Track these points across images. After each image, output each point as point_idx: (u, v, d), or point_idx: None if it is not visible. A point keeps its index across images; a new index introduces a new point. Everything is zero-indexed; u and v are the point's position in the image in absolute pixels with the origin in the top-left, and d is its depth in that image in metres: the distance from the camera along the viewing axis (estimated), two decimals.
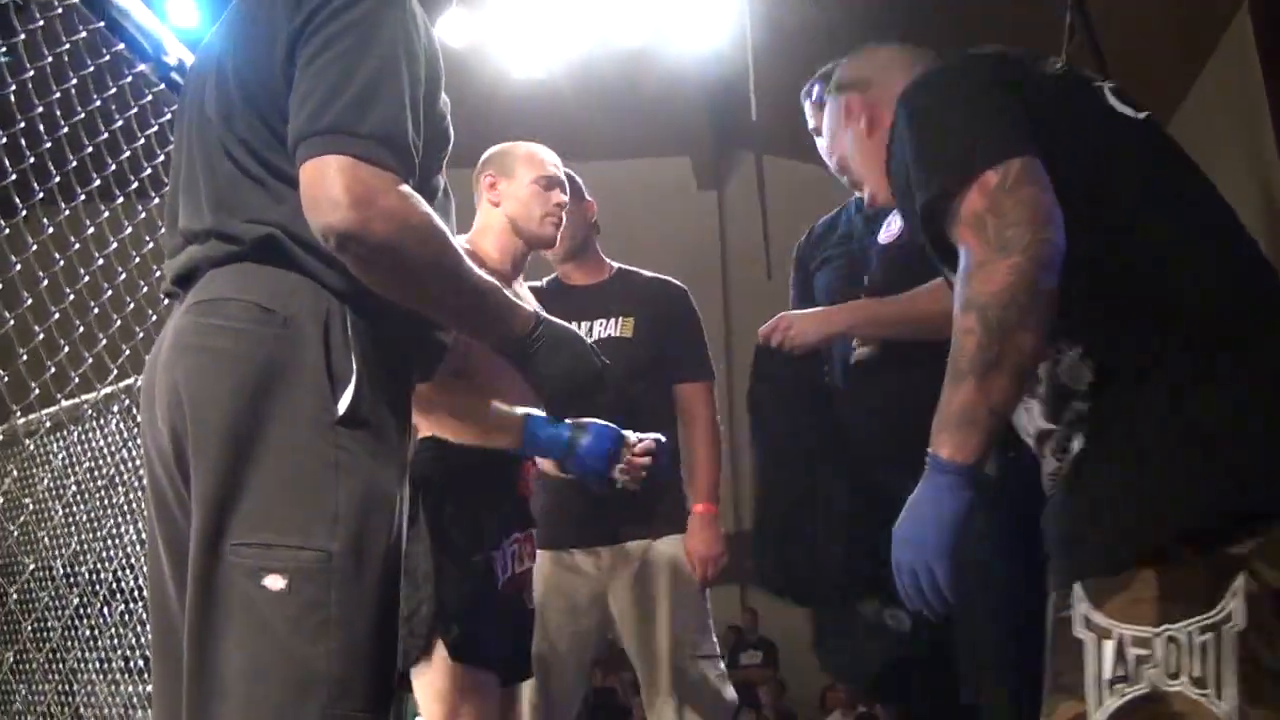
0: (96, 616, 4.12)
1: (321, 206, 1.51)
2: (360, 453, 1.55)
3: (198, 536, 1.51)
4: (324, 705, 1.44)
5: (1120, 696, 1.37)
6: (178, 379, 1.58)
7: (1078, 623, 1.42)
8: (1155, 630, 1.35)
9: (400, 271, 1.58)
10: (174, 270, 1.72)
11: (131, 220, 3.12)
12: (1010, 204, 1.45)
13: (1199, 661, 1.33)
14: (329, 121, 1.53)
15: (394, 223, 1.51)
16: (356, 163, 1.51)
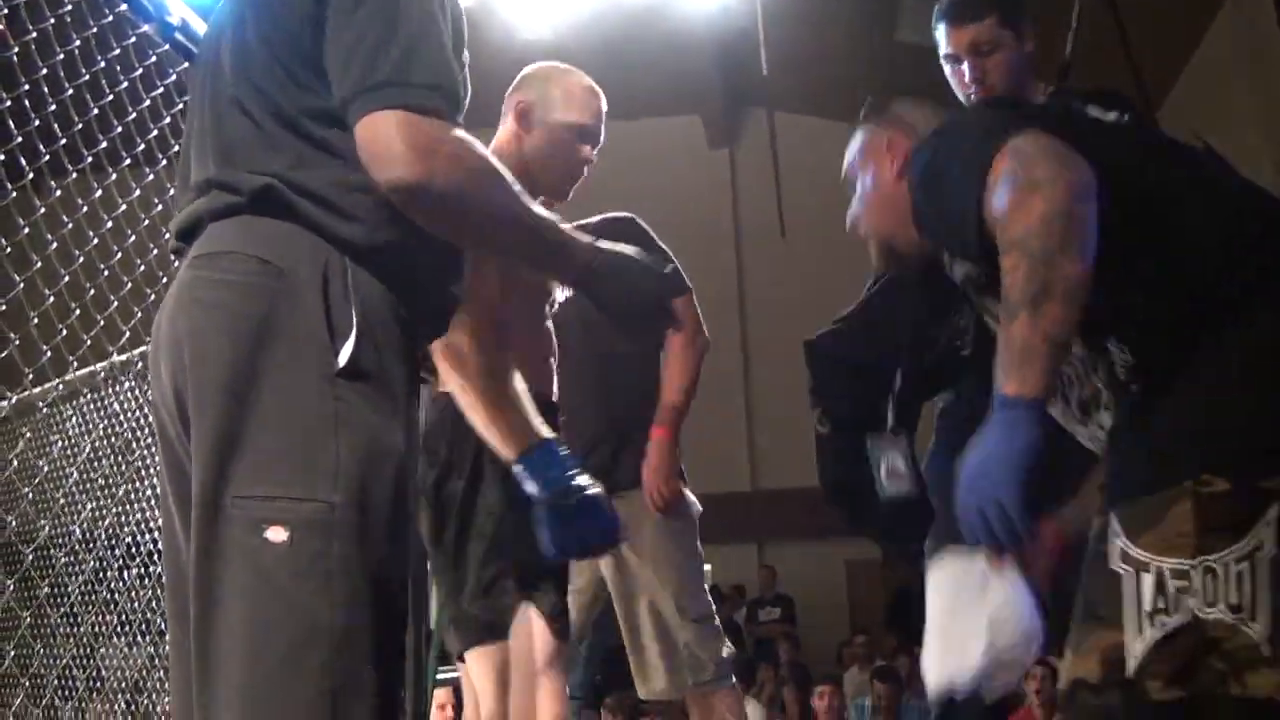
0: (114, 578, 4.14)
1: (383, 162, 1.53)
2: (361, 406, 1.54)
3: (198, 490, 1.50)
4: (329, 657, 1.44)
5: (1161, 627, 1.41)
6: (179, 334, 1.58)
7: (1114, 556, 1.47)
8: (1193, 562, 1.41)
9: (465, 217, 1.61)
10: (177, 225, 1.71)
11: (139, 183, 3.11)
12: (1034, 150, 1.51)
13: (1235, 589, 1.39)
14: (381, 76, 1.54)
15: (457, 170, 1.54)
16: (413, 115, 1.52)
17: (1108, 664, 1.47)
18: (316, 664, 1.43)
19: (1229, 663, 1.40)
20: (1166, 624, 1.42)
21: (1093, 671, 1.49)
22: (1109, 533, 1.49)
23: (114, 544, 4.08)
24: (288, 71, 1.63)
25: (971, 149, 1.60)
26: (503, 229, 1.66)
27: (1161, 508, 1.45)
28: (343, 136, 1.60)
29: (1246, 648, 1.40)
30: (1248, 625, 1.39)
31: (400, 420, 1.61)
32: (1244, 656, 1.40)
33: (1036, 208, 1.48)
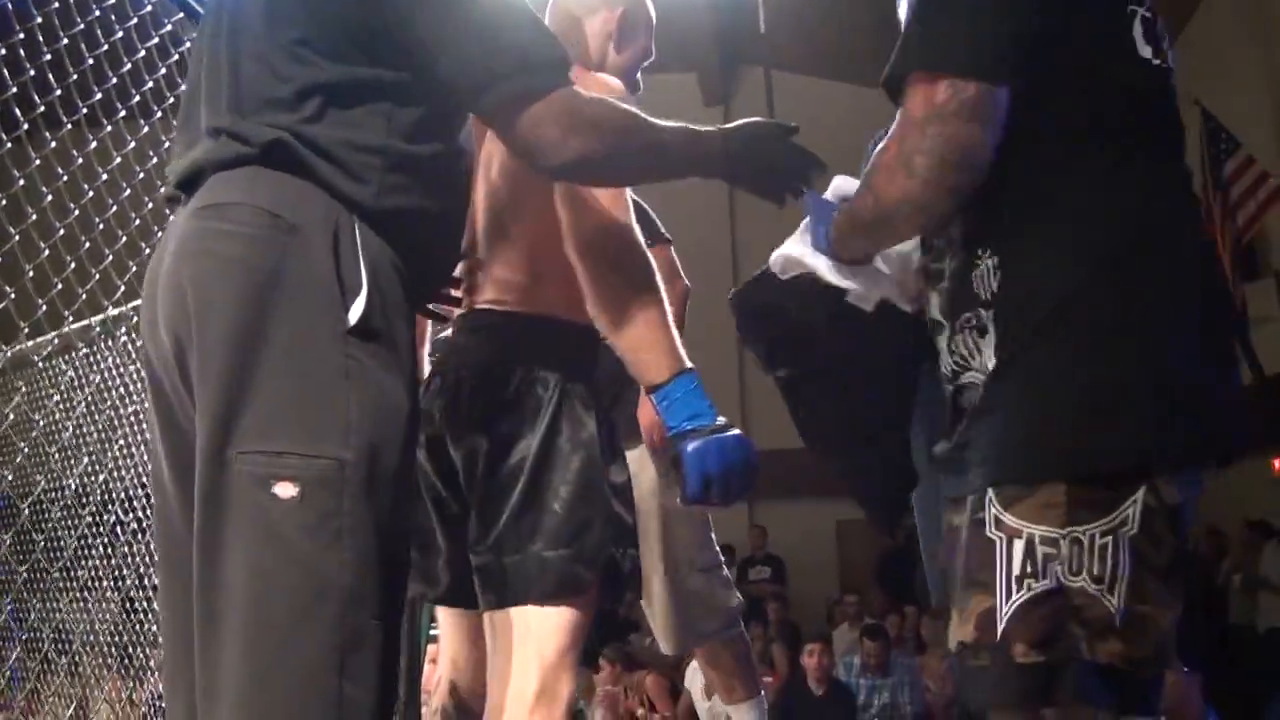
0: (108, 532, 4.14)
1: (540, 153, 1.64)
2: (371, 363, 1.53)
3: (204, 445, 1.48)
4: (337, 614, 1.43)
5: (1028, 590, 1.49)
6: (183, 285, 1.54)
7: (990, 524, 1.54)
8: (1062, 531, 1.49)
9: (622, 172, 1.79)
10: (178, 173, 1.68)
11: (134, 135, 3.08)
12: (936, 131, 1.52)
13: (1098, 561, 1.48)
14: (505, 65, 1.61)
15: (603, 138, 1.65)
16: (550, 98, 1.62)
17: (982, 627, 1.53)
18: (326, 620, 1.43)
19: (1086, 630, 1.48)
20: (1034, 588, 1.49)
21: (970, 634, 1.56)
22: (986, 502, 1.55)
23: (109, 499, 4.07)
24: (327, 36, 1.60)
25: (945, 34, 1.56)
26: (651, 164, 1.79)
27: (1035, 483, 1.53)
28: (362, 100, 1.59)
29: (1102, 618, 1.48)
30: (1105, 597, 1.48)
31: (405, 378, 1.61)
32: (1099, 625, 1.48)
33: (899, 187, 1.60)
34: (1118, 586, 1.49)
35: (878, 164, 1.63)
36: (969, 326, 1.63)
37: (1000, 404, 1.58)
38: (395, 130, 1.60)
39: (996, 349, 1.59)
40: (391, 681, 1.52)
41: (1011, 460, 1.55)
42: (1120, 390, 1.53)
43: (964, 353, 1.65)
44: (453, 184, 1.73)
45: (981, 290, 1.62)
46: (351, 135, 1.58)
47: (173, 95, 3.08)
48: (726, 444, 1.81)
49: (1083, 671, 1.50)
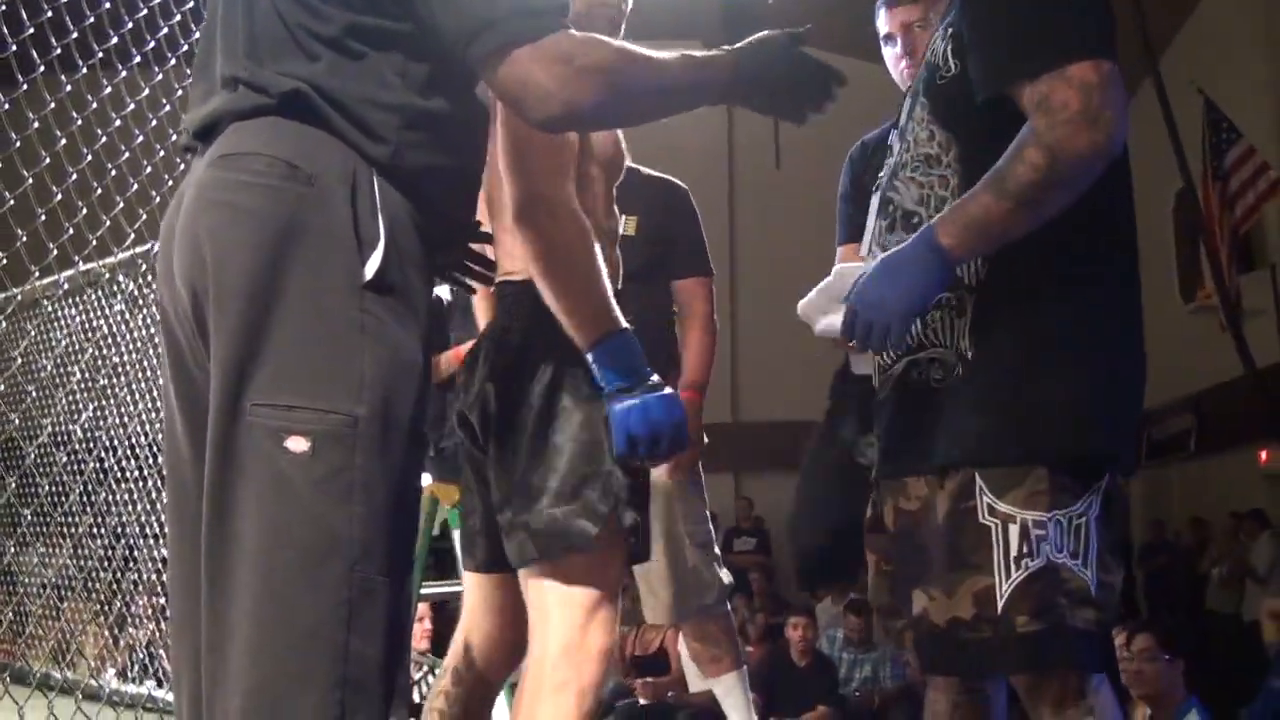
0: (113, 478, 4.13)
1: (530, 103, 1.56)
2: (387, 318, 1.51)
3: (217, 396, 1.46)
4: (345, 568, 1.42)
5: (1025, 569, 1.67)
6: (199, 235, 1.52)
7: (983, 511, 1.69)
8: (1048, 515, 1.67)
9: (621, 115, 1.78)
10: (196, 122, 1.65)
11: (148, 82, 3.06)
12: (1114, 95, 1.64)
13: (1075, 539, 1.67)
14: (499, 10, 1.53)
15: (597, 83, 1.57)
16: (541, 45, 1.53)
17: (980, 603, 1.68)
18: (335, 574, 1.42)
19: (1069, 599, 1.67)
20: (1030, 566, 1.66)
21: (967, 610, 1.69)
22: (975, 491, 1.70)
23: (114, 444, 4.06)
24: None
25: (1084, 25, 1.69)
26: (653, 103, 1.73)
27: (1022, 472, 1.69)
28: (378, 54, 1.56)
29: (1082, 589, 1.67)
30: (1082, 571, 1.68)
31: (419, 334, 1.59)
32: (1080, 595, 1.67)
33: (1085, 141, 1.63)
34: (1091, 561, 1.68)
35: (1055, 126, 1.63)
36: (947, 305, 1.75)
37: (980, 389, 1.72)
38: (410, 85, 1.57)
39: (973, 334, 1.73)
40: (400, 637, 1.51)
41: (996, 446, 1.70)
42: (1090, 391, 1.71)
43: (936, 328, 1.76)
44: (470, 140, 1.72)
45: (965, 275, 1.74)
46: (369, 91, 1.56)
47: (186, 43, 3.06)
48: (650, 404, 1.84)
49: (1070, 635, 1.67)
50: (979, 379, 1.72)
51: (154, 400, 4.09)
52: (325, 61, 1.56)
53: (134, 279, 3.98)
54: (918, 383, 1.78)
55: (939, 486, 1.75)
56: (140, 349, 4.06)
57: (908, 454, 1.81)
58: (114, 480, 4.19)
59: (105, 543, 4.34)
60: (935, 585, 1.74)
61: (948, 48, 1.80)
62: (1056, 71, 1.65)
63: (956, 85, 1.77)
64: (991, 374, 1.72)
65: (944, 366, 1.76)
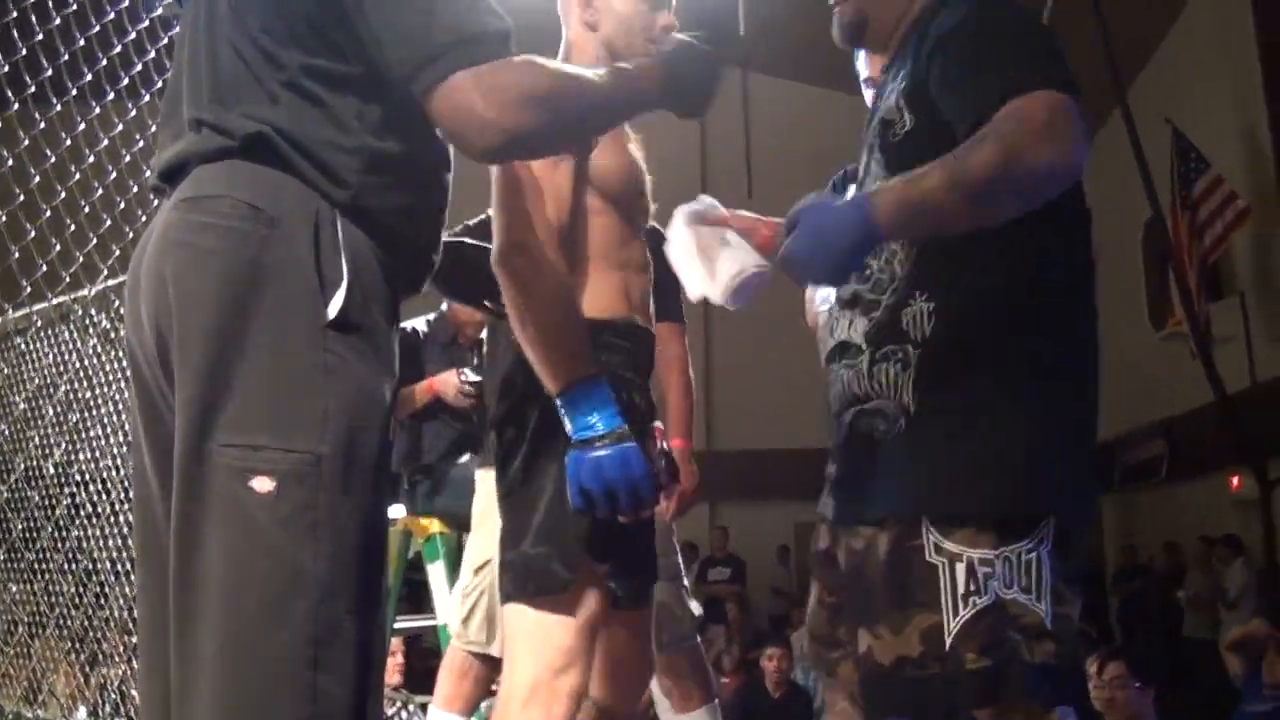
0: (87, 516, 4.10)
1: (471, 135, 1.53)
2: (350, 357, 1.51)
3: (182, 436, 1.46)
4: (312, 606, 1.41)
5: (973, 607, 1.67)
6: (164, 277, 1.53)
7: (929, 550, 1.70)
8: (996, 552, 1.68)
9: (559, 140, 1.73)
10: (162, 164, 1.67)
11: (122, 118, 3.06)
12: (1079, 127, 1.62)
13: (1026, 574, 1.68)
14: (436, 45, 1.51)
15: (532, 110, 1.54)
16: (477, 75, 1.51)
17: (928, 641, 1.69)
18: (299, 613, 1.42)
19: (1024, 635, 1.67)
20: (977, 604, 1.67)
21: (915, 648, 1.70)
22: (921, 531, 1.71)
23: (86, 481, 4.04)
24: (289, 27, 1.58)
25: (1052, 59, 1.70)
26: (592, 122, 1.74)
27: (968, 514, 1.70)
28: (338, 99, 1.57)
29: (1036, 624, 1.67)
30: (1035, 605, 1.68)
31: (384, 371, 1.60)
32: (1035, 630, 1.67)
33: (1045, 154, 1.59)
34: (1044, 595, 1.69)
35: (1018, 130, 1.60)
36: (894, 358, 1.78)
37: (924, 443, 1.74)
38: (369, 127, 1.58)
39: (917, 387, 1.76)
40: (370, 674, 1.51)
41: (944, 495, 1.72)
42: (1032, 440, 1.72)
43: (883, 380, 1.79)
44: (432, 179, 1.72)
45: (912, 330, 1.76)
46: (329, 134, 1.57)
47: (160, 79, 3.06)
48: (605, 460, 1.82)
49: (1025, 671, 1.67)
50: (922, 433, 1.75)
51: (126, 436, 4.07)
52: (286, 104, 1.57)
53: (107, 314, 3.97)
54: (863, 434, 1.82)
55: (880, 527, 1.77)
56: (113, 385, 4.05)
57: (854, 504, 1.84)
58: (86, 518, 4.16)
59: (77, 580, 4.30)
60: (882, 624, 1.75)
61: (902, 100, 1.80)
62: (1032, 93, 1.63)
63: (911, 141, 1.77)
64: (934, 428, 1.74)
65: (886, 419, 1.78)
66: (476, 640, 3.14)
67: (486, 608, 3.12)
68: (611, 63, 2.02)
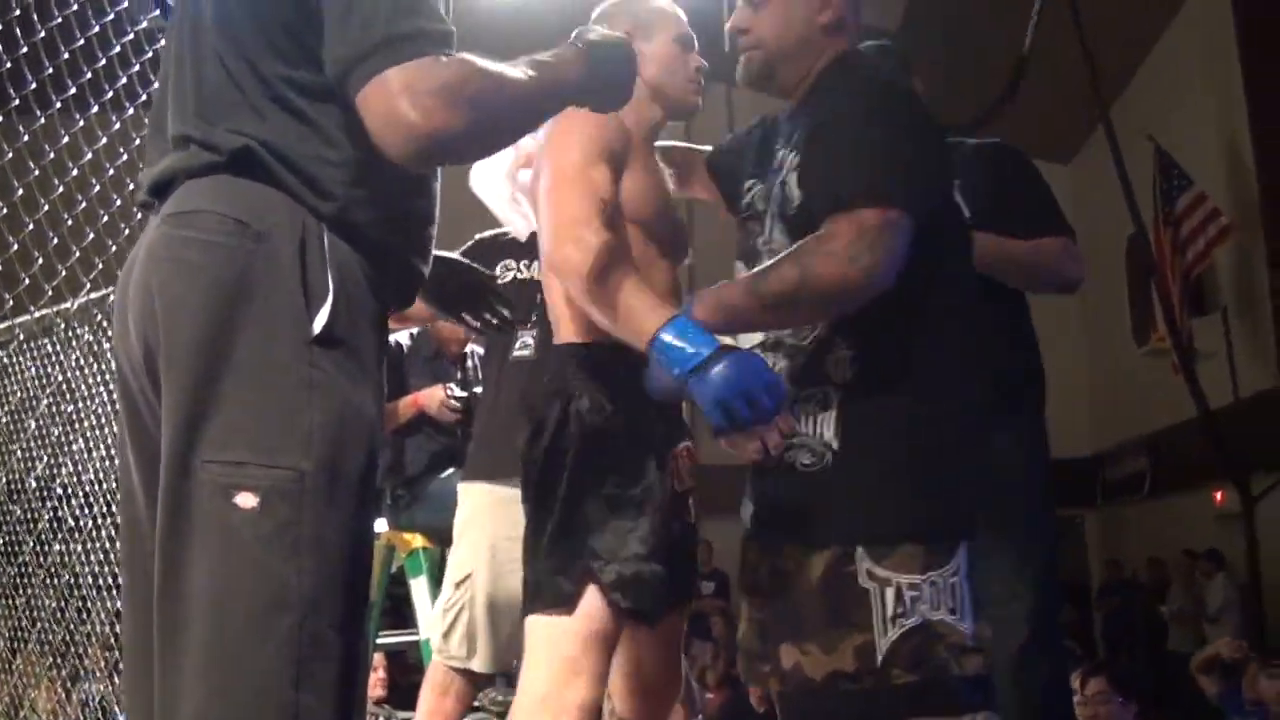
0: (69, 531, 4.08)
1: (397, 138, 1.49)
2: (335, 372, 1.51)
3: (168, 452, 1.46)
4: (295, 623, 1.41)
5: (901, 627, 1.82)
6: (151, 292, 1.53)
7: (862, 576, 1.84)
8: (922, 577, 1.83)
9: (485, 142, 1.66)
10: (150, 179, 1.66)
11: (105, 131, 3.05)
12: (885, 238, 1.81)
13: (950, 596, 1.83)
14: (369, 43, 1.49)
15: (456, 111, 1.49)
16: (403, 75, 1.47)
17: (861, 657, 1.83)
18: (283, 629, 1.41)
19: (951, 652, 1.82)
20: (905, 624, 1.82)
21: (849, 664, 1.83)
22: (855, 557, 1.84)
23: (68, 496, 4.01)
24: (269, 39, 1.58)
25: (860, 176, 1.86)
26: (519, 121, 1.66)
27: (897, 541, 1.85)
28: (322, 111, 1.57)
29: (961, 641, 1.83)
30: (959, 624, 1.83)
31: (370, 386, 1.60)
32: (961, 647, 1.82)
33: (834, 272, 1.80)
34: (967, 614, 1.85)
35: (818, 251, 1.81)
36: (815, 399, 1.92)
37: (851, 479, 1.88)
38: (355, 139, 1.56)
39: (839, 428, 1.90)
40: (353, 690, 1.50)
41: (875, 526, 1.87)
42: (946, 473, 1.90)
43: (803, 418, 1.92)
44: (418, 189, 1.72)
45: (835, 373, 1.91)
46: (315, 147, 1.57)
47: (145, 92, 3.06)
48: (728, 372, 1.78)
49: (954, 683, 1.83)
50: (847, 469, 1.89)
51: (109, 451, 4.06)
52: (271, 119, 1.56)
53: (90, 327, 3.95)
54: (788, 464, 1.92)
55: (813, 552, 1.89)
56: (96, 399, 4.03)
57: (780, 528, 1.95)
58: (68, 532, 4.14)
59: (59, 595, 4.28)
60: (811, 641, 1.87)
61: (794, 176, 1.96)
62: (846, 211, 1.82)
63: (804, 214, 1.92)
64: (860, 466, 1.88)
65: (812, 453, 1.91)
66: (457, 655, 3.13)
67: (467, 623, 3.11)
68: (656, 104, 2.25)
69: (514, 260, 3.25)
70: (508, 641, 3.12)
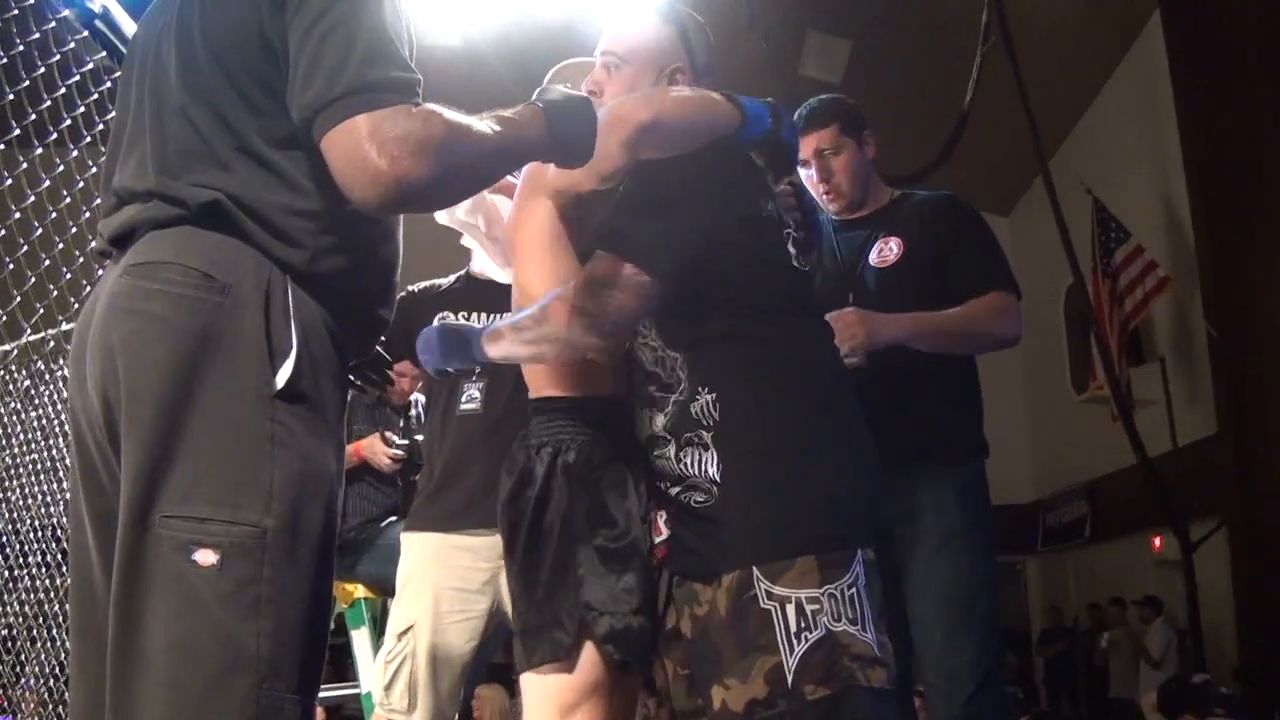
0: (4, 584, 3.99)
1: (363, 184, 1.48)
2: (297, 427, 1.50)
3: (127, 507, 1.44)
4: (253, 686, 1.39)
5: (805, 641, 1.80)
6: (112, 344, 1.50)
7: (762, 597, 1.83)
8: (820, 590, 1.82)
9: (448, 193, 1.63)
10: (111, 229, 1.64)
11: (49, 174, 3.02)
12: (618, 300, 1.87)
13: (850, 607, 1.83)
14: (336, 91, 1.49)
15: (422, 162, 1.48)
16: (372, 122, 1.47)
17: (771, 681, 1.80)
18: (242, 692, 1.39)
19: (857, 663, 1.81)
20: (809, 638, 1.80)
21: (761, 690, 1.81)
22: (752, 581, 1.84)
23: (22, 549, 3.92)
24: (239, 92, 1.58)
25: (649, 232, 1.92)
26: (483, 173, 1.67)
27: (790, 557, 1.84)
28: (290, 160, 1.56)
29: (866, 651, 1.81)
30: (863, 634, 1.82)
31: (332, 441, 1.59)
32: (866, 657, 1.81)
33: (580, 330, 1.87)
34: (868, 623, 1.84)
35: (562, 300, 1.89)
36: (695, 443, 1.95)
37: (738, 506, 1.90)
38: (322, 189, 1.56)
39: (720, 463, 1.92)
40: None
41: (767, 545, 1.86)
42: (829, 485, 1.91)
43: (688, 462, 1.96)
44: (384, 238, 1.72)
45: (703, 418, 1.95)
46: (283, 198, 1.56)
47: (102, 121, 3.03)
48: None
49: (865, 695, 1.80)
50: (734, 499, 1.90)
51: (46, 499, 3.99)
52: (239, 170, 1.56)
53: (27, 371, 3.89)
54: (684, 505, 1.97)
55: (719, 587, 1.88)
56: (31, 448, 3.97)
57: (688, 570, 1.97)
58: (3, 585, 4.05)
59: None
60: (730, 675, 1.84)
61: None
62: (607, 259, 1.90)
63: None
64: (743, 493, 1.90)
65: (703, 491, 1.94)
66: (399, 708, 3.09)
67: (409, 675, 3.07)
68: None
69: (450, 312, 3.24)
70: (450, 694, 3.08)
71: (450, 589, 3.06)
